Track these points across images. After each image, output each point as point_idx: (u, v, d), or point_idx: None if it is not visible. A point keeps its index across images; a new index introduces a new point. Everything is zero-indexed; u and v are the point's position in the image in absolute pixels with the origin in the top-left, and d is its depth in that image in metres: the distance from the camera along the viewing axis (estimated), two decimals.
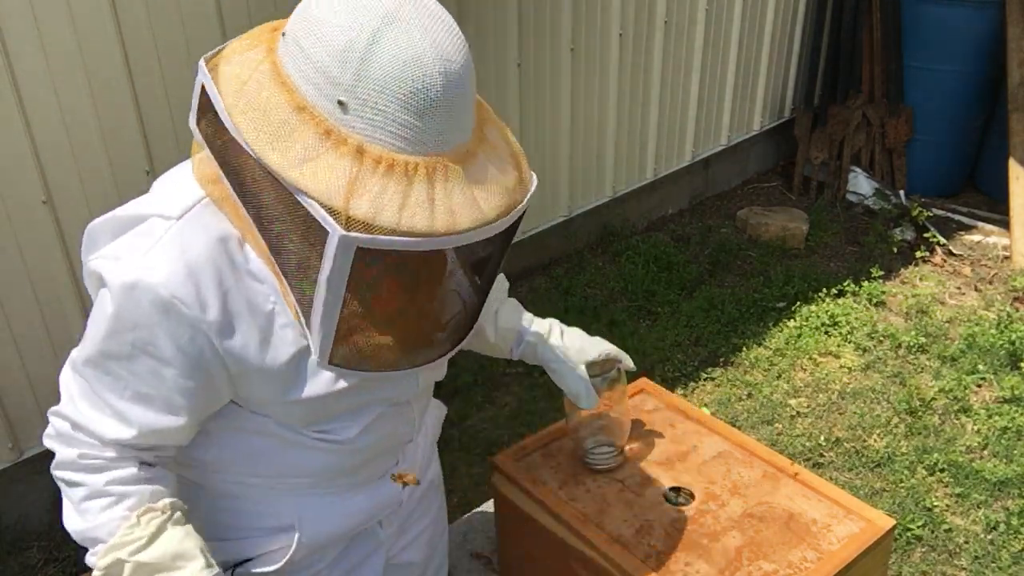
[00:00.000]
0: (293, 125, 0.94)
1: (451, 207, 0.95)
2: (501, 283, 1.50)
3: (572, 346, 1.49)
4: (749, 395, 3.29)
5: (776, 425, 3.14)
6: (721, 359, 3.49)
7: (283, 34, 0.99)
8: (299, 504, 1.27)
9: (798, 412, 3.20)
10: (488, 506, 1.80)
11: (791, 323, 3.66)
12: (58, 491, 1.15)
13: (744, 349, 3.53)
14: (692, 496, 1.49)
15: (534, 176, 1.08)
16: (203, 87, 1.00)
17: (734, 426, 1.76)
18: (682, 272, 4.00)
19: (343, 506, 1.29)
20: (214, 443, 1.20)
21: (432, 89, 0.93)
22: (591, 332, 1.55)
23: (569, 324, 1.55)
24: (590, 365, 1.48)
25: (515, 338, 1.49)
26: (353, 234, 0.91)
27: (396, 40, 0.92)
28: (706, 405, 3.24)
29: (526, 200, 1.04)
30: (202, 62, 1.01)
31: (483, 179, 0.99)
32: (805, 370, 3.42)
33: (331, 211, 0.91)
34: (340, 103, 0.93)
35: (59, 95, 2.38)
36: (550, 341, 1.49)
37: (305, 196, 0.92)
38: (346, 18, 0.93)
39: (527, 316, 1.52)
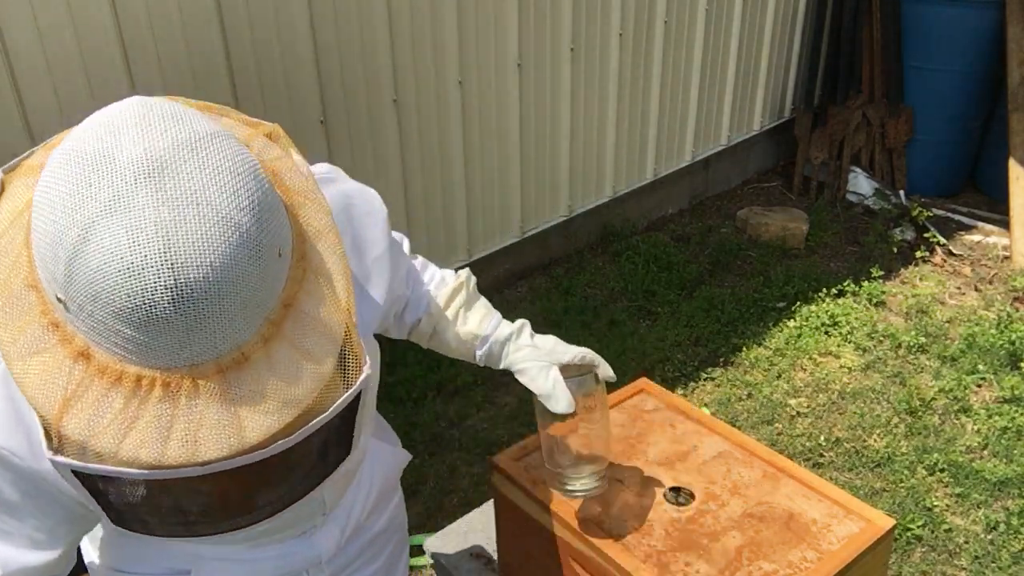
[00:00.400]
0: (25, 305, 0.76)
1: (195, 433, 0.74)
2: (465, 281, 1.36)
3: (543, 346, 1.33)
4: (749, 395, 3.29)
5: (776, 425, 3.14)
6: (721, 359, 3.49)
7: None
8: (197, 551, 1.17)
9: (798, 412, 3.20)
10: (488, 506, 1.80)
11: (791, 323, 3.66)
12: None
13: (744, 349, 3.53)
14: (692, 496, 1.48)
15: (367, 364, 0.84)
16: None
17: (734, 426, 1.75)
18: (682, 272, 4.00)
19: (247, 560, 1.19)
20: None
21: (157, 306, 0.70)
22: (591, 332, 1.53)
23: (569, 324, 1.54)
24: (564, 368, 1.30)
25: (479, 341, 1.34)
26: (61, 459, 0.75)
27: (112, 240, 0.69)
28: (706, 405, 3.24)
29: (337, 404, 0.81)
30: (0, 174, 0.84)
31: (257, 393, 0.77)
32: (805, 370, 3.42)
33: (46, 424, 0.75)
34: (59, 299, 0.74)
35: (59, 95, 2.39)
36: (519, 340, 1.33)
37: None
38: (66, 197, 0.71)
39: (495, 317, 1.37)
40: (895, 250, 4.22)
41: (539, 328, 1.41)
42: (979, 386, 3.30)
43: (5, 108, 2.31)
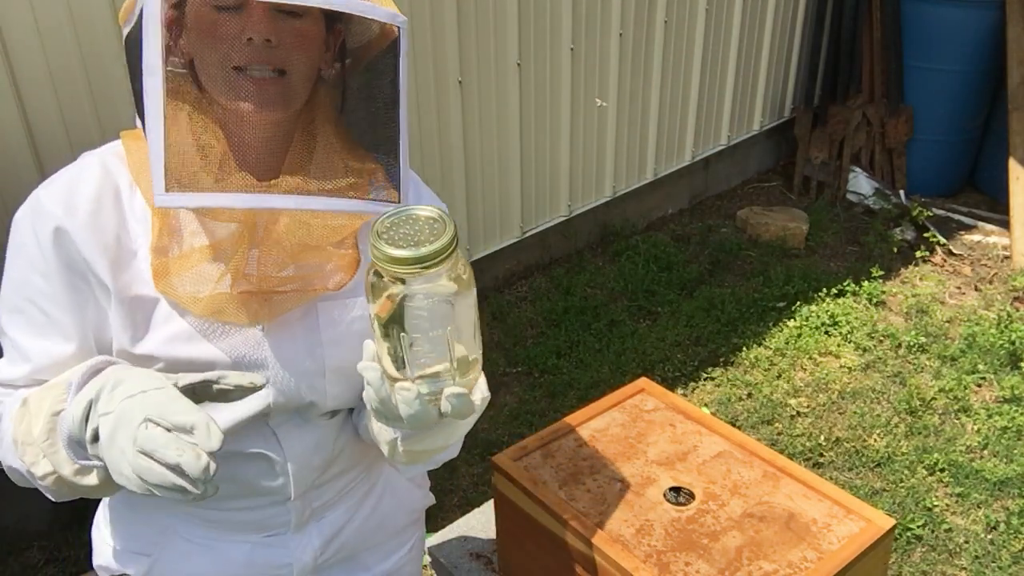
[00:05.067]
0: None
1: None
2: None
3: None
4: (749, 395, 3.29)
5: (776, 425, 3.14)
6: (721, 359, 3.49)
7: None
8: (162, 537, 1.20)
9: (798, 412, 3.20)
10: (488, 506, 1.80)
11: (791, 323, 3.66)
12: None
13: (744, 349, 3.53)
14: (692, 496, 1.48)
15: None
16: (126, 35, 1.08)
17: (734, 426, 1.76)
18: (682, 272, 4.00)
19: (210, 554, 1.20)
20: None
21: None
22: (591, 332, 1.52)
23: (569, 324, 1.53)
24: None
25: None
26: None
27: None
28: (706, 405, 3.24)
29: None
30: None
31: None
32: (805, 370, 3.42)
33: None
34: None
35: (59, 94, 2.39)
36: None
37: None
38: None
39: None
40: (895, 250, 4.22)
41: (539, 328, 1.40)
42: (979, 386, 3.30)
43: (6, 108, 2.31)
